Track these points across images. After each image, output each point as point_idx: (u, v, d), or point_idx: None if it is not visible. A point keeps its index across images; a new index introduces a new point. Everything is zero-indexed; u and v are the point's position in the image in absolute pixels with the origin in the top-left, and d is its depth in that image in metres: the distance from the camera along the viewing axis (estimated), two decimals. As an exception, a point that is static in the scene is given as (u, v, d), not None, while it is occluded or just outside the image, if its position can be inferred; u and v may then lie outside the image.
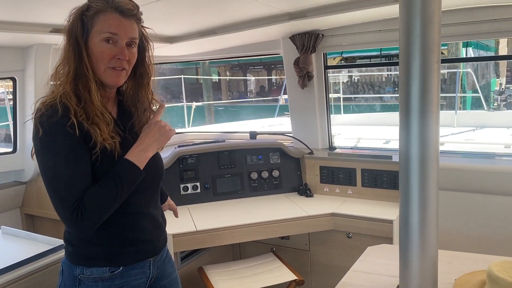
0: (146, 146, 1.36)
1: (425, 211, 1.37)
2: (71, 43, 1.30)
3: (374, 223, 2.53)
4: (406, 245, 1.23)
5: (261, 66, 19.04)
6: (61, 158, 1.24)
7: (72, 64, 1.29)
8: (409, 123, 1.36)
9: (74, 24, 1.31)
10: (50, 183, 1.25)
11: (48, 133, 1.23)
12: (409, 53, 1.35)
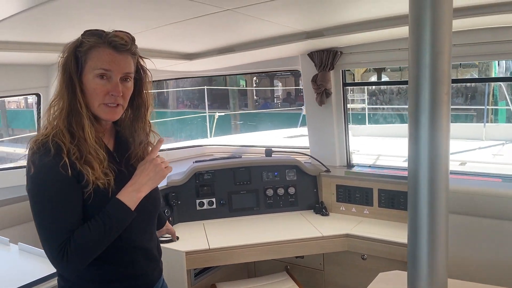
0: (139, 186, 1.32)
1: (434, 235, 1.34)
2: (65, 79, 1.30)
3: (389, 246, 2.49)
4: (414, 273, 1.20)
5: (288, 73, 19.09)
6: (49, 199, 1.21)
7: (66, 100, 1.27)
8: (418, 151, 1.34)
9: (68, 59, 1.31)
10: (38, 222, 1.22)
11: (39, 172, 1.21)
12: (418, 85, 1.33)
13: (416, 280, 1.15)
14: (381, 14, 2.30)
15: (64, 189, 1.23)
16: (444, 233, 1.38)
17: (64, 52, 1.33)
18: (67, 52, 1.33)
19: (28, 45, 2.41)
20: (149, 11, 1.96)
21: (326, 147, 3.28)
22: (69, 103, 1.27)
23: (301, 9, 2.17)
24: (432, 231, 1.37)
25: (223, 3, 1.90)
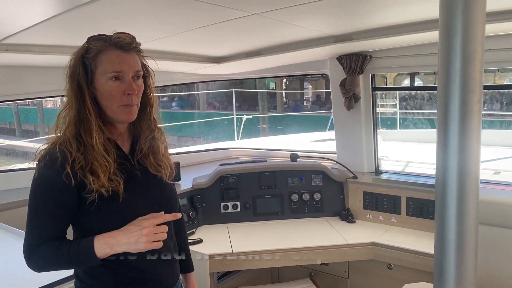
0: (114, 243, 1.24)
1: (463, 246, 1.28)
2: (73, 88, 1.30)
3: (416, 256, 2.42)
4: (440, 287, 1.16)
5: (319, 75, 18.92)
6: (37, 206, 1.28)
7: (75, 109, 1.27)
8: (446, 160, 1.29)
9: (75, 68, 1.31)
10: (27, 219, 1.30)
11: (38, 179, 1.26)
12: (447, 93, 1.28)
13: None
14: (411, 18, 2.24)
15: (56, 200, 1.26)
16: (473, 245, 1.32)
17: (70, 61, 1.33)
18: (73, 61, 1.33)
19: (59, 48, 2.48)
20: (176, 16, 1.98)
21: (354, 153, 3.23)
22: (78, 112, 1.27)
23: (329, 13, 2.13)
24: (460, 242, 1.31)
25: (250, 7, 1.89)
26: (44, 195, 1.27)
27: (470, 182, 1.29)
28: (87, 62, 1.30)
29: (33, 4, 1.65)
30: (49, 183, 1.25)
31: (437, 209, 1.29)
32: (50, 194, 1.26)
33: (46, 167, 1.25)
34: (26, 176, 3.04)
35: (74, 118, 1.27)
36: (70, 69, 1.32)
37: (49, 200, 1.26)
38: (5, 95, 2.78)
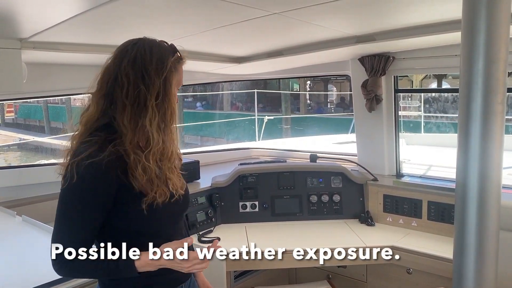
0: (158, 264, 1.27)
1: (483, 252, 1.26)
2: (162, 92, 1.28)
3: (437, 261, 2.36)
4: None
5: (343, 77, 18.75)
6: (82, 205, 1.23)
7: (154, 114, 1.27)
8: (467, 163, 1.26)
9: (172, 72, 1.31)
10: (63, 217, 1.25)
11: (84, 177, 1.21)
12: (469, 93, 1.25)
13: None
14: (435, 18, 2.20)
15: (97, 202, 1.24)
16: (493, 251, 1.29)
17: (166, 63, 1.30)
18: (168, 63, 1.30)
19: (84, 46, 2.53)
20: (196, 15, 2.00)
21: (375, 155, 3.19)
22: (157, 115, 1.29)
23: (351, 13, 2.12)
24: (480, 248, 1.29)
25: (270, 7, 1.90)
26: (88, 196, 1.23)
27: (492, 186, 1.27)
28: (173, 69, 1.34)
29: (58, 2, 1.69)
30: (95, 183, 1.22)
31: (456, 213, 1.27)
32: (94, 194, 1.23)
33: (89, 169, 1.21)
34: (50, 171, 3.12)
35: (157, 120, 1.30)
36: (166, 73, 1.30)
37: (92, 201, 1.23)
38: (32, 92, 2.86)
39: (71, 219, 1.24)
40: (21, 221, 2.41)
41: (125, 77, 1.25)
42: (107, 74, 1.29)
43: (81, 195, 1.22)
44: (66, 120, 17.30)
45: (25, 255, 1.99)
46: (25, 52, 2.32)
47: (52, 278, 1.62)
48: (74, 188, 1.21)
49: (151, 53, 1.29)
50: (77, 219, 1.24)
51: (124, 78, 1.25)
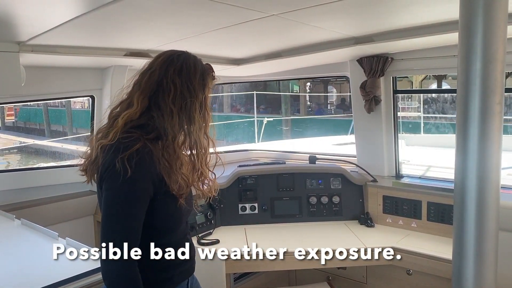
0: None
1: (482, 253, 1.25)
2: (201, 101, 1.42)
3: (437, 262, 2.36)
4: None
5: (343, 79, 18.74)
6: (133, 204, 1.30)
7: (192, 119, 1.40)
8: (466, 163, 1.26)
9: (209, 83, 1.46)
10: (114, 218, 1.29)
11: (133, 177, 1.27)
12: (467, 93, 1.25)
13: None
14: (433, 19, 2.20)
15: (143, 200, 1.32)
16: (493, 252, 1.29)
17: (200, 74, 1.43)
18: (204, 72, 1.44)
19: (85, 49, 2.54)
20: (195, 17, 2.00)
21: (374, 156, 3.18)
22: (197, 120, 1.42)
23: (349, 14, 2.12)
24: (479, 248, 1.29)
25: (268, 8, 1.90)
26: (140, 190, 1.30)
27: (490, 187, 1.26)
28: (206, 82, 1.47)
29: (56, 5, 1.69)
30: (145, 178, 1.30)
31: (455, 214, 1.27)
32: (144, 188, 1.30)
33: (138, 164, 1.27)
34: (49, 174, 3.12)
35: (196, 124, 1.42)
36: (202, 80, 1.44)
37: (143, 195, 1.31)
38: (31, 95, 2.86)
39: (128, 215, 1.30)
40: (20, 224, 2.41)
41: (172, 84, 1.36)
42: (152, 78, 1.38)
43: (134, 188, 1.29)
44: (66, 123, 17.31)
45: (24, 258, 1.99)
46: (24, 55, 2.32)
47: (51, 282, 1.62)
48: (129, 181, 1.26)
49: (195, 67, 1.42)
50: (135, 216, 1.30)
51: (171, 84, 1.36)
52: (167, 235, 1.43)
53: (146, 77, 1.39)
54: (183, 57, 1.43)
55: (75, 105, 17.23)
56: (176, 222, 1.45)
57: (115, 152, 1.28)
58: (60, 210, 3.08)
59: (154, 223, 1.36)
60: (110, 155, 1.29)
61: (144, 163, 1.29)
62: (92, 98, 3.11)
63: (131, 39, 2.46)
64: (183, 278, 1.51)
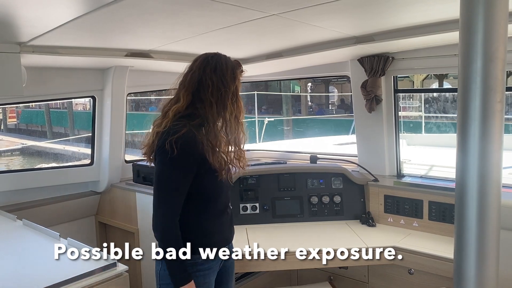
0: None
1: (483, 252, 1.25)
2: (231, 92, 1.73)
3: (438, 261, 2.35)
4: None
5: (344, 79, 18.72)
6: (178, 178, 1.65)
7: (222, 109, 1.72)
8: (467, 163, 1.26)
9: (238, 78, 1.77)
10: (163, 191, 1.66)
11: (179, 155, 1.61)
12: (467, 92, 1.25)
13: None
14: (434, 18, 2.19)
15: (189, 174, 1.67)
16: (494, 251, 1.28)
17: (229, 71, 1.73)
18: (232, 70, 1.74)
19: (85, 49, 2.54)
20: (196, 18, 2.00)
21: (375, 155, 3.18)
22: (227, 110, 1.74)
23: (350, 13, 2.12)
24: (481, 247, 1.29)
25: (269, 8, 1.90)
26: (186, 165, 1.64)
27: (492, 186, 1.26)
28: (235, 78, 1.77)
29: (57, 6, 1.70)
30: (190, 155, 1.63)
31: (457, 213, 1.26)
32: (190, 164, 1.64)
33: (184, 145, 1.60)
34: (51, 175, 3.13)
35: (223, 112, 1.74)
36: (233, 76, 1.74)
37: (188, 170, 1.64)
38: (32, 95, 2.86)
39: (174, 187, 1.64)
40: (22, 225, 2.41)
41: (210, 80, 1.69)
42: (193, 77, 1.71)
43: (181, 164, 1.63)
44: (67, 125, 17.33)
45: (25, 258, 1.99)
46: (25, 56, 2.33)
47: (52, 282, 1.62)
48: (174, 159, 1.60)
49: (226, 65, 1.73)
50: (177, 186, 1.65)
51: (209, 81, 1.69)
52: (210, 203, 1.76)
53: (188, 78, 1.72)
54: (216, 57, 1.73)
55: (76, 107, 17.27)
56: (217, 193, 1.77)
57: (166, 136, 1.62)
58: (61, 210, 3.08)
59: (200, 193, 1.70)
60: (162, 139, 1.63)
61: (187, 145, 1.61)
62: (93, 99, 3.11)
63: (132, 40, 2.47)
64: (223, 244, 1.83)
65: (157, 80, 3.42)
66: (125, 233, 3.17)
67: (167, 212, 1.65)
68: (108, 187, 3.24)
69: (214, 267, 1.82)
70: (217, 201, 1.79)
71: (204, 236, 1.74)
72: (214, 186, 1.74)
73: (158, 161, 1.65)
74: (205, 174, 1.68)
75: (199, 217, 1.74)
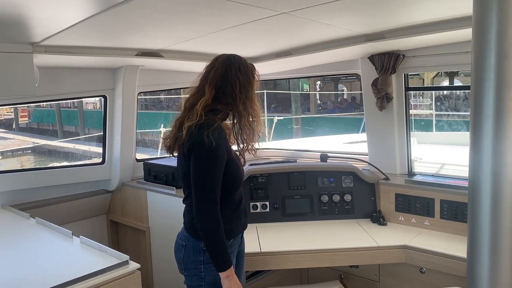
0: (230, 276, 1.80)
1: (497, 251, 1.24)
2: (243, 89, 1.88)
3: (450, 260, 2.33)
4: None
5: (354, 77, 18.67)
6: (216, 168, 1.79)
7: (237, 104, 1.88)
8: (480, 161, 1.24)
9: (250, 77, 1.94)
10: (205, 182, 1.78)
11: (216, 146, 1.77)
12: (481, 89, 1.24)
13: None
14: (445, 15, 2.17)
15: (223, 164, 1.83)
16: (508, 249, 1.27)
17: (243, 69, 1.91)
18: (247, 70, 1.93)
19: (97, 49, 2.56)
20: (206, 17, 2.01)
21: (386, 154, 3.16)
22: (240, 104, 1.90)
23: (360, 10, 2.11)
24: (494, 246, 1.27)
25: (278, 6, 1.90)
26: (222, 156, 1.79)
27: (505, 184, 1.25)
28: (251, 79, 1.94)
29: (68, 6, 1.71)
30: (223, 147, 1.80)
31: (470, 212, 1.25)
32: (223, 155, 1.80)
33: (219, 138, 1.77)
34: (63, 174, 3.16)
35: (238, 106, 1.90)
36: (246, 75, 1.91)
37: (222, 160, 1.80)
38: (45, 95, 2.89)
39: (215, 176, 1.78)
40: (35, 223, 2.44)
41: (236, 78, 1.87)
42: (216, 74, 1.87)
43: (218, 155, 1.78)
44: (78, 124, 17.48)
45: (38, 257, 2.01)
46: (37, 56, 2.35)
47: (65, 280, 1.64)
48: (213, 150, 1.75)
49: (247, 66, 1.94)
50: (217, 175, 1.79)
51: (236, 78, 1.86)
52: (231, 193, 1.90)
53: (211, 74, 1.87)
54: (238, 58, 1.92)
55: (87, 106, 17.42)
56: (237, 183, 1.93)
57: (201, 129, 1.76)
58: (73, 209, 3.11)
59: (224, 182, 1.82)
60: (197, 132, 1.76)
61: (221, 136, 1.79)
62: (105, 98, 3.13)
63: (142, 39, 2.48)
64: (240, 231, 2.03)
65: (168, 79, 3.44)
66: (136, 232, 3.19)
67: (210, 201, 1.77)
68: (119, 186, 3.27)
69: (234, 252, 1.99)
70: (236, 191, 1.94)
71: (226, 222, 1.84)
72: (234, 175, 1.89)
73: (198, 154, 1.77)
74: (229, 164, 1.84)
75: (222, 205, 1.84)
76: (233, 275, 1.80)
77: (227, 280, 1.79)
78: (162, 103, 17.38)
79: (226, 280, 1.79)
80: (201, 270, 1.86)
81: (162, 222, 2.95)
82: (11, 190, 2.87)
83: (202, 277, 1.86)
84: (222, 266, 1.78)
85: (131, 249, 3.24)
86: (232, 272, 1.80)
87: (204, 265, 1.85)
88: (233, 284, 1.79)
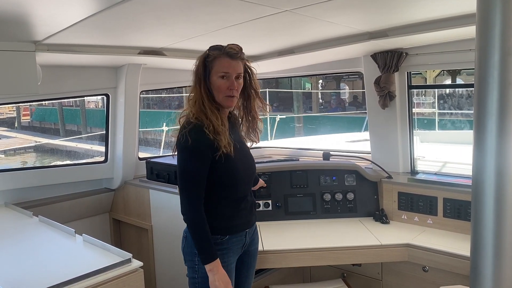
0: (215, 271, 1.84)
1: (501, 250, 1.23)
2: (196, 81, 1.90)
3: (453, 258, 2.33)
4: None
5: (356, 76, 18.65)
6: (195, 166, 1.84)
7: (198, 94, 1.88)
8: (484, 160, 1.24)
9: (199, 67, 1.90)
10: (184, 181, 1.86)
11: (192, 143, 1.80)
12: (485, 87, 1.23)
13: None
14: (448, 12, 2.16)
15: (206, 161, 1.85)
16: (512, 248, 1.26)
17: (196, 61, 1.92)
18: (198, 62, 1.91)
19: (96, 47, 2.56)
20: (208, 15, 2.00)
21: (389, 152, 3.16)
22: (200, 97, 1.87)
23: (363, 8, 2.10)
24: (498, 245, 1.26)
25: (281, 4, 1.89)
26: (199, 157, 1.83)
27: (510, 182, 1.24)
28: (207, 64, 1.89)
29: (71, 5, 1.71)
30: (200, 146, 1.81)
31: (473, 210, 1.24)
32: (203, 155, 1.83)
33: (195, 133, 1.80)
34: (66, 173, 3.16)
35: (198, 100, 1.87)
36: (195, 67, 1.91)
37: (203, 161, 1.84)
38: (47, 93, 2.90)
39: (193, 174, 1.84)
40: (38, 221, 2.45)
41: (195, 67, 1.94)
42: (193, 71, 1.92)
43: (193, 151, 1.82)
44: (80, 122, 17.52)
45: (41, 255, 2.02)
46: (40, 54, 2.35)
47: (68, 278, 1.64)
48: (187, 148, 1.81)
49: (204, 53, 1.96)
50: (196, 173, 1.84)
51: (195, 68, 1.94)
52: (226, 189, 1.92)
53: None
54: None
55: (89, 105, 17.45)
56: (234, 180, 1.93)
57: (182, 128, 1.83)
58: (76, 207, 3.12)
59: (215, 179, 1.87)
60: (179, 130, 1.85)
61: (199, 134, 1.80)
62: (107, 97, 3.14)
63: (145, 38, 2.48)
64: (241, 229, 2.00)
65: (170, 78, 3.44)
66: (139, 230, 3.20)
67: (191, 197, 1.85)
68: (122, 184, 3.27)
69: (233, 248, 1.98)
70: (235, 187, 1.95)
71: (222, 219, 1.92)
72: (229, 171, 1.90)
73: (178, 151, 1.90)
74: (219, 163, 1.85)
75: (220, 202, 1.92)
76: (217, 268, 1.83)
77: (211, 273, 1.82)
78: (165, 102, 17.41)
79: (210, 273, 1.82)
80: (195, 263, 1.91)
81: (164, 220, 2.95)
82: (14, 189, 2.88)
83: (196, 270, 1.91)
84: (206, 259, 1.83)
85: (134, 247, 3.25)
86: (217, 266, 1.83)
87: (198, 257, 1.89)
88: (217, 278, 1.82)
